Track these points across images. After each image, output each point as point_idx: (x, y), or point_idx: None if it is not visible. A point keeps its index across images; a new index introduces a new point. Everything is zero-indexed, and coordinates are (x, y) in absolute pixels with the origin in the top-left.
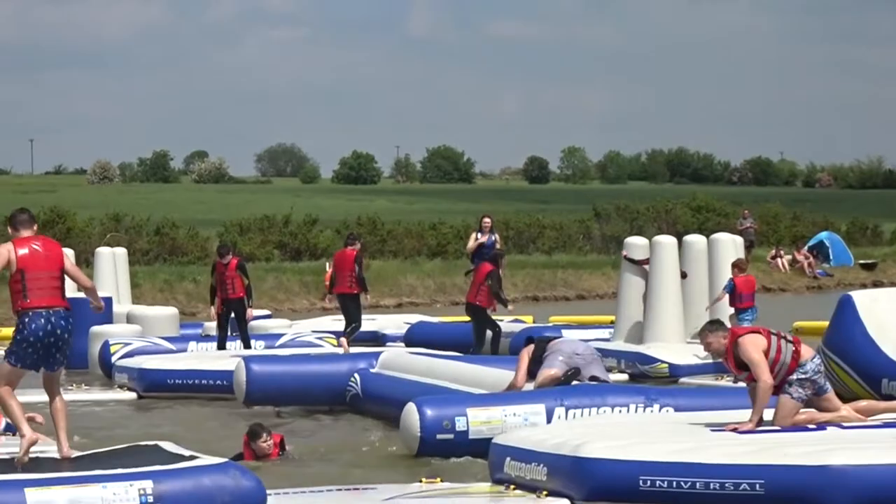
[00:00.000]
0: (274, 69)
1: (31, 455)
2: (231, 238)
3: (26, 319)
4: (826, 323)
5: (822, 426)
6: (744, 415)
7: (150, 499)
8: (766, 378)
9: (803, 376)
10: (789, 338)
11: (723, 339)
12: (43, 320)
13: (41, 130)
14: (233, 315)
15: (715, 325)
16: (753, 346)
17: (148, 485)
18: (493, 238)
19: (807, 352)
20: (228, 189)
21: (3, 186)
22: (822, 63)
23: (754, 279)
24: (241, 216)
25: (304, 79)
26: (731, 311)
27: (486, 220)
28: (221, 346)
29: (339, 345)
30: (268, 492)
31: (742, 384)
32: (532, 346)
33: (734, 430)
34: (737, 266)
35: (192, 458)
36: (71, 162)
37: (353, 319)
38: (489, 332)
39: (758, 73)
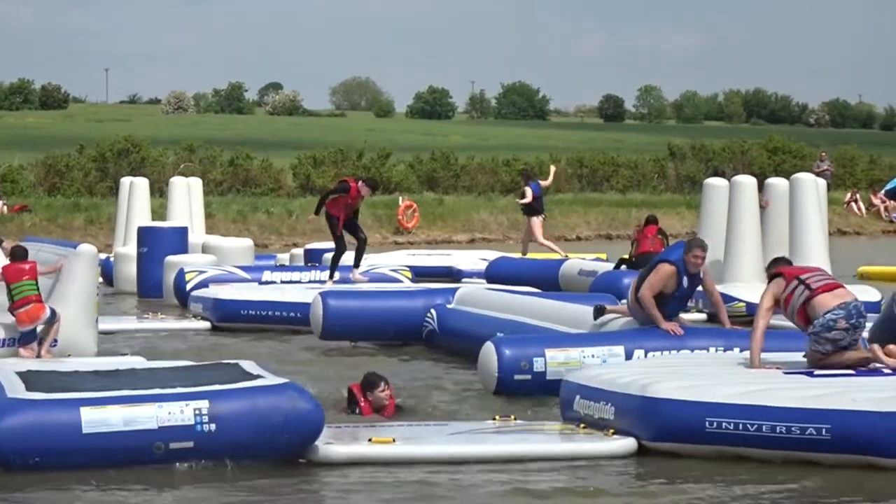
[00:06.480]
0: (351, 2)
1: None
2: (304, 171)
3: None
4: (893, 268)
5: None
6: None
7: (206, 419)
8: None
9: (814, 331)
10: (813, 285)
11: None
12: None
13: (116, 60)
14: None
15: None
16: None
17: (204, 404)
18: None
19: (823, 304)
20: (302, 121)
21: (79, 115)
22: None
23: None
24: (314, 148)
25: (381, 12)
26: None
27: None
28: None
29: None
30: (339, 425)
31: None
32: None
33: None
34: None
35: (258, 377)
36: (145, 92)
37: None
38: None
39: (837, 15)
